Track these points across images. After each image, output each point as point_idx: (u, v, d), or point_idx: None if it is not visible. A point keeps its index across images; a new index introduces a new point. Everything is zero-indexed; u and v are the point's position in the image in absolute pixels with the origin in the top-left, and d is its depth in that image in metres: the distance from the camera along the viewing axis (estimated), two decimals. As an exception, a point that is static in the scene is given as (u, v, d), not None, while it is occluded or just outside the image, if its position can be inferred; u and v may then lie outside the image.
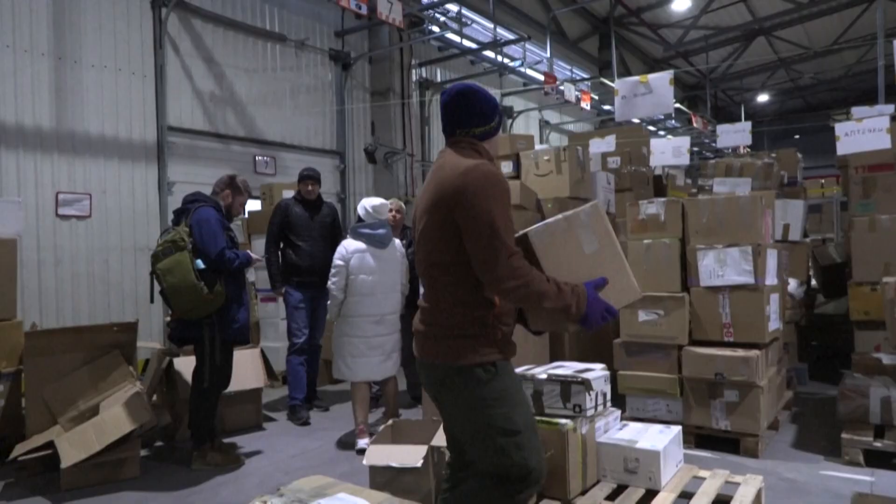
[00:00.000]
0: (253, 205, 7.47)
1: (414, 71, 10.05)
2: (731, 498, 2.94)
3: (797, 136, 21.85)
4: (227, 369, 4.03)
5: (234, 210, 4.13)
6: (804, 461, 3.85)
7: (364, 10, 6.92)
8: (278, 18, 8.33)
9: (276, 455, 4.24)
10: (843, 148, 4.54)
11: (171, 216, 4.64)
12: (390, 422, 3.68)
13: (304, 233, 5.14)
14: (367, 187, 9.56)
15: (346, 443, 4.40)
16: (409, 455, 3.18)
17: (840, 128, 4.53)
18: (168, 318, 4.21)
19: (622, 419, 3.52)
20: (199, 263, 3.74)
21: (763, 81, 20.86)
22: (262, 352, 5.12)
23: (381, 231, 4.30)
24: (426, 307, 2.12)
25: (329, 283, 4.27)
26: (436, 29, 9.64)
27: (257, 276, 6.28)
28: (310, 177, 5.23)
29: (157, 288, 3.82)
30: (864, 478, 3.54)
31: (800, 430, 4.49)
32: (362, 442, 4.14)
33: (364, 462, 3.19)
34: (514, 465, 1.99)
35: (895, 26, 15.11)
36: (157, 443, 4.55)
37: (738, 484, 3.09)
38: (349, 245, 4.28)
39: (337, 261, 4.25)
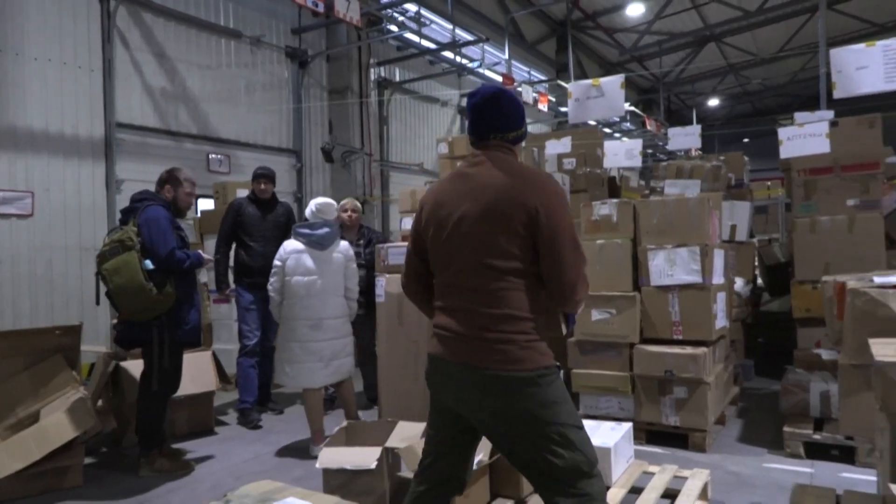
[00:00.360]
0: (206, 204, 7.34)
1: (372, 70, 10.00)
2: (678, 492, 3.02)
3: (746, 140, 22.57)
4: (176, 372, 3.93)
5: (181, 203, 3.99)
6: (749, 454, 3.97)
7: (321, 8, 6.85)
8: (233, 14, 8.17)
9: (227, 460, 4.16)
10: (785, 152, 4.70)
11: (119, 215, 4.50)
12: (345, 423, 3.65)
13: (257, 233, 5.05)
14: (324, 187, 9.47)
15: (301, 447, 4.35)
16: (364, 457, 3.16)
17: (783, 132, 4.69)
18: (115, 321, 4.08)
19: (576, 417, 3.57)
20: (148, 264, 3.64)
21: (714, 86, 21.47)
22: (214, 354, 5.01)
23: (321, 231, 4.17)
24: (477, 312, 2.01)
25: (268, 284, 4.23)
26: (394, 28, 9.61)
27: (210, 277, 6.14)
28: (263, 175, 5.14)
29: (103, 289, 3.70)
30: (804, 469, 3.68)
31: (745, 425, 4.64)
32: (317, 448, 4.09)
33: (317, 465, 3.15)
34: (586, 460, 1.98)
35: (836, 35, 15.75)
36: (103, 449, 4.41)
37: (685, 478, 3.17)
38: (288, 245, 4.21)
39: (275, 261, 4.20)
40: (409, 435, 3.36)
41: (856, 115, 5.18)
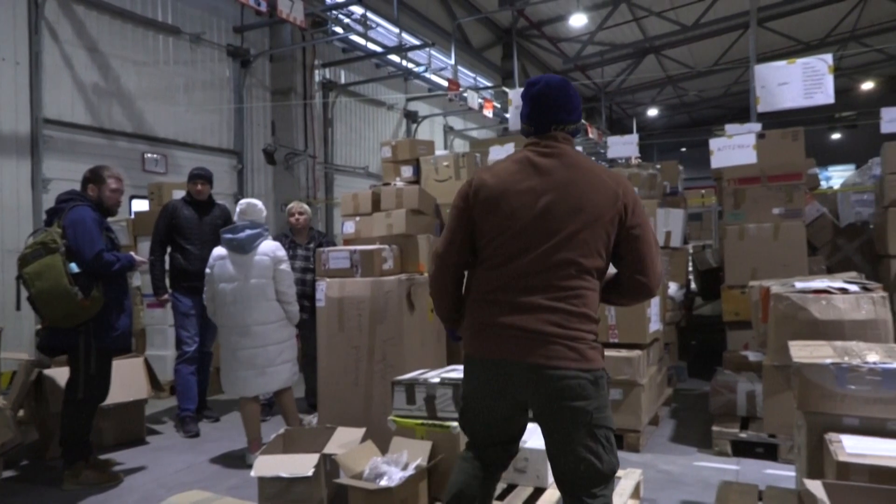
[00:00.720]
0: (140, 204, 7.08)
1: (317, 71, 9.87)
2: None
3: (683, 149, 23.37)
4: (104, 380, 3.78)
5: (108, 202, 3.82)
6: (680, 453, 4.11)
7: (264, 7, 6.72)
8: (172, 10, 7.93)
9: (159, 470, 4.01)
10: (716, 162, 4.89)
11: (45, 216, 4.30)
12: (282, 430, 3.58)
13: (194, 235, 4.91)
14: (266, 189, 9.29)
15: (237, 455, 4.24)
16: (300, 464, 3.11)
17: (714, 143, 4.88)
18: (39, 327, 3.89)
19: (514, 420, 3.61)
20: (74, 267, 3.49)
21: (653, 97, 22.18)
22: (147, 361, 4.83)
23: (241, 235, 3.99)
24: (553, 308, 1.94)
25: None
26: (339, 30, 9.52)
27: (143, 281, 5.93)
28: (200, 176, 5.01)
29: (25, 294, 3.53)
30: (731, 467, 3.83)
31: (678, 425, 4.79)
32: (253, 456, 4.00)
33: (252, 474, 3.08)
34: (616, 460, 2.03)
35: (766, 51, 16.54)
36: (24, 462, 4.19)
37: (618, 478, 3.25)
38: (215, 251, 4.10)
39: (206, 269, 4.10)
40: (347, 441, 3.34)
41: (782, 128, 5.45)
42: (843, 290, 3.15)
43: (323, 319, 4.17)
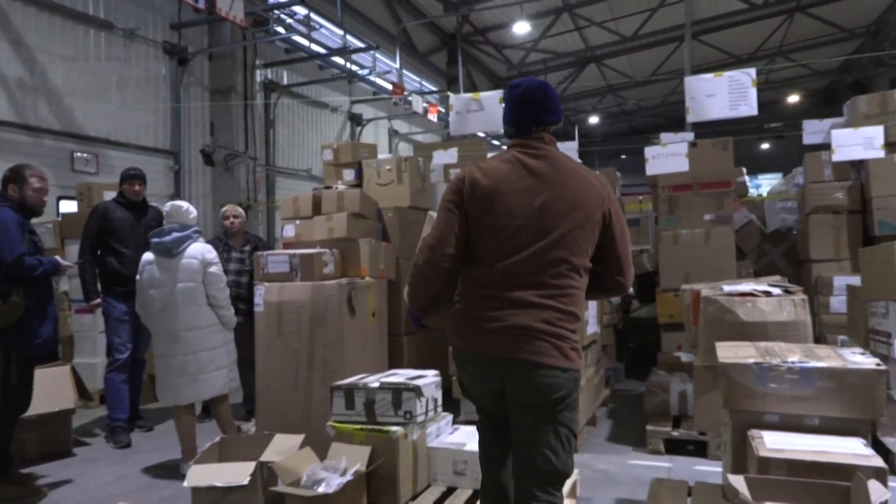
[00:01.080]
0: (68, 206, 6.77)
1: (258, 71, 9.69)
2: (549, 492, 3.14)
3: (623, 157, 24.04)
4: (26, 390, 3.59)
5: (30, 203, 3.64)
6: (616, 453, 4.22)
7: (202, 5, 6.55)
8: (104, 4, 7.62)
9: (87, 483, 3.84)
10: (651, 169, 5.06)
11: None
12: (217, 439, 3.49)
13: (129, 238, 4.69)
14: (204, 190, 9.04)
15: (171, 465, 4.10)
16: (236, 473, 3.03)
17: (649, 151, 5.05)
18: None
19: (458, 423, 3.63)
20: (-8, 271, 3.31)
21: (595, 105, 22.72)
22: (74, 369, 4.62)
23: (167, 238, 3.85)
24: (543, 306, 1.99)
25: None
26: (282, 30, 9.37)
27: (72, 285, 5.67)
28: (136, 176, 4.81)
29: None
30: (663, 464, 3.95)
31: (614, 425, 4.92)
32: (187, 466, 3.87)
33: (185, 484, 2.99)
34: (571, 463, 2.09)
35: (700, 63, 17.21)
36: (-64, 478, 3.93)
37: (556, 478, 3.30)
38: (144, 258, 3.97)
39: (137, 276, 3.97)
40: (285, 448, 3.28)
41: (715, 137, 5.69)
42: (767, 294, 3.31)
43: (261, 324, 4.08)
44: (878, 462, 2.12)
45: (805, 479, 2.11)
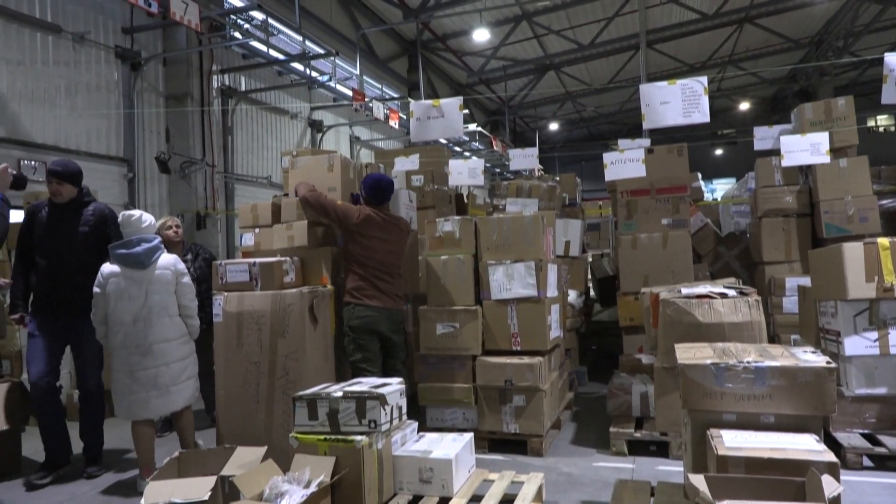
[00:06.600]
0: (16, 216, 6.50)
1: (215, 77, 9.51)
2: (515, 496, 3.15)
3: (583, 162, 24.41)
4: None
5: None
6: (580, 455, 4.25)
7: (155, 9, 6.41)
8: (51, 6, 7.38)
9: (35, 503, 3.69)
10: (609, 175, 5.14)
11: None
12: (176, 453, 3.39)
13: (46, 244, 4.12)
14: (161, 198, 8.81)
15: (128, 483, 3.97)
16: (196, 488, 2.95)
17: (607, 157, 5.13)
18: None
19: (423, 431, 3.60)
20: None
21: (554, 111, 23.03)
22: (23, 386, 4.43)
23: (138, 249, 3.77)
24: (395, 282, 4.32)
25: (91, 314, 3.87)
26: (239, 36, 9.22)
27: (19, 299, 5.43)
28: (52, 173, 4.06)
29: None
30: (626, 465, 4.01)
31: (578, 428, 4.96)
32: (144, 483, 3.75)
33: (143, 502, 2.89)
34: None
35: (656, 71, 17.63)
36: None
37: (522, 483, 3.32)
38: (105, 269, 3.83)
39: (94, 288, 3.83)
40: (247, 461, 3.20)
41: (670, 144, 5.82)
42: (723, 295, 3.39)
43: (220, 335, 4.00)
44: (831, 457, 2.19)
45: (762, 475, 2.16)
